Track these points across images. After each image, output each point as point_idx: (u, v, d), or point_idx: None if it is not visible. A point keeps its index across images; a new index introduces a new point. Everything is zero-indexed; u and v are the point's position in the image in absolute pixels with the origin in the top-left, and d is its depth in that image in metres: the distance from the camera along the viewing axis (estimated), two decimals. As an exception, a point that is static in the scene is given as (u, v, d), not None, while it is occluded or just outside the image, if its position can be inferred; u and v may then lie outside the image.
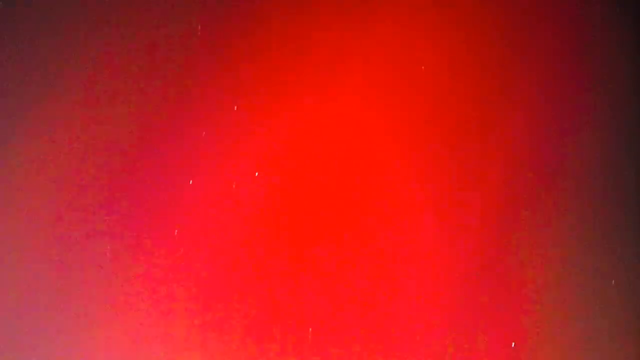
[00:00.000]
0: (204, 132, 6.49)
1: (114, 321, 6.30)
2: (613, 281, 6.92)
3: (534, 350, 6.82)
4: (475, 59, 7.15)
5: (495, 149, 7.35)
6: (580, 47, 7.49)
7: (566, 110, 7.43)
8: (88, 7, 6.72)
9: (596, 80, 7.44)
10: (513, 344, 6.71)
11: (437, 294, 7.06)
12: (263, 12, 6.96)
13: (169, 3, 6.87)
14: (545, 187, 7.40)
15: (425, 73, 7.11)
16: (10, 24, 6.43)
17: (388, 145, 7.11)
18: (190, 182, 6.36)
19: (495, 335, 6.92)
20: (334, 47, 7.06)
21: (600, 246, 7.38)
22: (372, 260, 6.87)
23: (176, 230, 6.18)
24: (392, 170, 7.07)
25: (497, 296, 7.05)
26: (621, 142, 7.48)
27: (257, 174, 6.43)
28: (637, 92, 7.39)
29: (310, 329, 6.48)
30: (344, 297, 6.83)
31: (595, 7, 7.42)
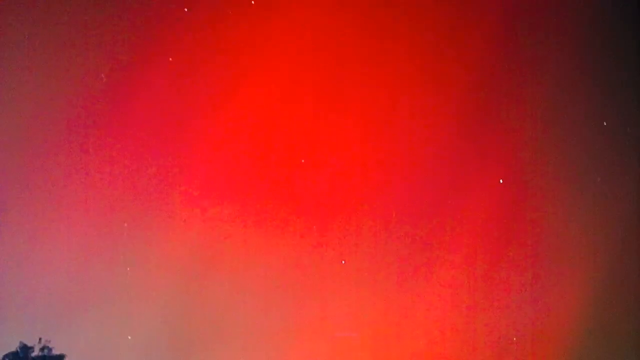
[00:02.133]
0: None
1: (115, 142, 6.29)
2: (605, 123, 6.97)
3: (520, 187, 6.95)
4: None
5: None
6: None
7: None
8: None
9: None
10: (501, 180, 6.84)
11: (430, 132, 7.10)
12: None
13: None
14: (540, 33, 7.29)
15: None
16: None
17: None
18: (186, 10, 6.24)
19: (485, 172, 7.03)
20: None
21: (590, 91, 7.35)
22: (366, 98, 6.83)
23: (171, 58, 6.11)
24: (391, 14, 6.92)
25: (487, 135, 7.11)
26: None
27: (253, 2, 6.30)
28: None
29: (302, 160, 6.54)
30: (335, 133, 6.84)
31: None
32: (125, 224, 6.63)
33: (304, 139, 6.81)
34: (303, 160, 6.81)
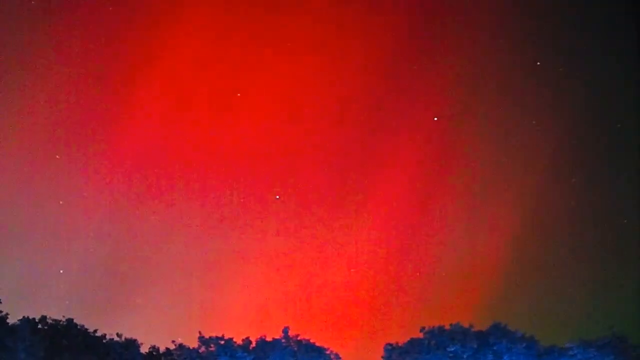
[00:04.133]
0: None
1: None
2: (538, 62, 7.34)
3: (454, 124, 7.38)
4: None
5: None
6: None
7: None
8: None
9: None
10: (435, 118, 7.19)
11: (365, 73, 7.47)
12: None
13: None
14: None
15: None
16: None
17: None
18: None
19: (419, 110, 7.43)
20: None
21: (525, 32, 7.71)
22: (300, 49, 7.18)
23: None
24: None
25: (422, 76, 7.48)
26: None
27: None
28: None
29: (238, 94, 6.95)
30: (270, 69, 7.22)
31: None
32: (58, 157, 6.64)
33: (238, 67, 7.07)
34: (239, 94, 7.02)
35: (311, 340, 34.27)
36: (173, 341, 33.80)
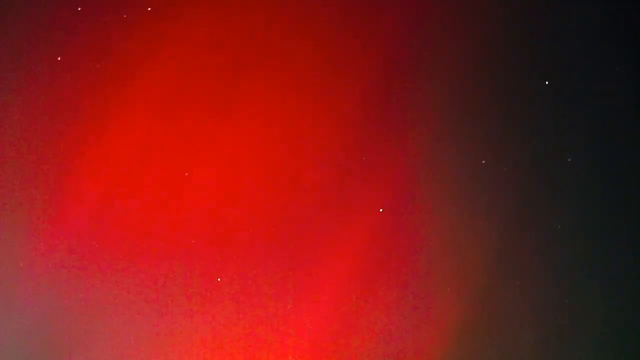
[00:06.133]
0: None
1: None
2: (483, 161, 7.17)
3: (399, 214, 7.12)
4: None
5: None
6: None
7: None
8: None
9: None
10: (381, 209, 7.00)
11: (309, 168, 7.16)
12: None
13: None
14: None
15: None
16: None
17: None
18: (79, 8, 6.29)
19: (364, 202, 7.17)
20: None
21: (470, 130, 7.57)
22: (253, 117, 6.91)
23: (59, 57, 6.13)
24: None
25: (368, 166, 7.23)
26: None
27: (149, 9, 6.37)
28: None
29: (186, 174, 6.55)
30: (216, 150, 6.89)
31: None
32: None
33: (187, 146, 6.86)
34: (186, 174, 6.86)
35: None
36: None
